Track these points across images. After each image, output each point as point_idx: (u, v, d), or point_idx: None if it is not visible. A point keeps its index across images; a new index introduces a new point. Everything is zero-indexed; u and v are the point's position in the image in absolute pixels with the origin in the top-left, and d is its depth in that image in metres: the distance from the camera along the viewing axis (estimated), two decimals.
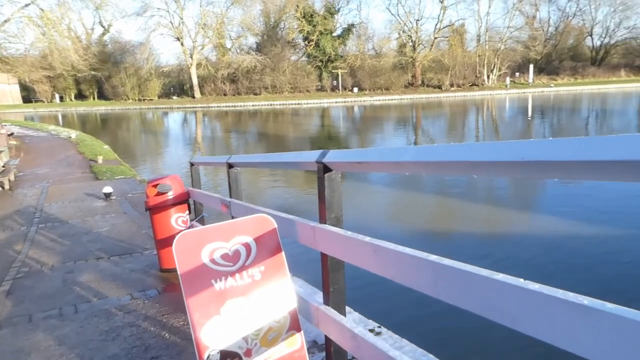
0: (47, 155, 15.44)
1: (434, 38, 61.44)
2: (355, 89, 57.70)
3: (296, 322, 2.22)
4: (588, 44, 67.62)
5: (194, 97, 60.27)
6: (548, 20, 66.35)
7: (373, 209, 9.29)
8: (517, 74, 61.14)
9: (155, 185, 4.34)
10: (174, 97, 63.32)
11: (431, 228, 8.22)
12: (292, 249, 2.60)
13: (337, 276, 2.17)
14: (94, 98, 64.81)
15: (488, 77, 59.62)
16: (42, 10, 47.09)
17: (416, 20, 61.41)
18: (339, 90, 58.73)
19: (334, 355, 2.25)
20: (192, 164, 5.13)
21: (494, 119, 29.88)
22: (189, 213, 4.58)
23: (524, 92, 52.61)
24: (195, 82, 60.26)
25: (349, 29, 62.37)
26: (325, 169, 2.07)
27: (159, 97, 62.54)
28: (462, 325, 4.28)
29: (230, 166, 3.49)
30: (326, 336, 2.24)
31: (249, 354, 2.08)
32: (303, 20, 59.25)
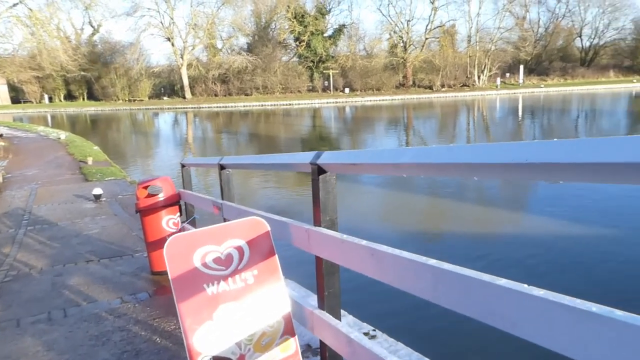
0: (36, 157, 15.26)
1: (425, 39, 61.63)
2: (347, 90, 57.68)
3: (290, 326, 2.19)
4: (577, 45, 68.35)
5: (184, 97, 59.94)
6: (538, 22, 67.03)
7: (365, 209, 9.28)
8: (508, 75, 61.48)
9: (146, 187, 4.29)
10: (165, 98, 62.93)
11: (423, 229, 8.22)
12: (284, 250, 2.56)
13: (332, 280, 2.14)
14: (83, 99, 64.22)
15: (479, 77, 59.91)
16: (31, 10, 46.77)
17: (407, 21, 61.63)
18: (330, 90, 58.69)
19: None
20: (183, 166, 5.09)
21: (485, 120, 30.04)
22: (180, 215, 4.53)
23: (514, 93, 52.92)
24: (186, 82, 59.93)
25: (340, 30, 62.40)
26: (319, 170, 2.04)
27: (149, 98, 62.06)
28: (457, 328, 4.26)
29: (222, 168, 3.45)
30: (321, 341, 2.21)
31: (242, 359, 2.04)
32: (294, 20, 59.17)
